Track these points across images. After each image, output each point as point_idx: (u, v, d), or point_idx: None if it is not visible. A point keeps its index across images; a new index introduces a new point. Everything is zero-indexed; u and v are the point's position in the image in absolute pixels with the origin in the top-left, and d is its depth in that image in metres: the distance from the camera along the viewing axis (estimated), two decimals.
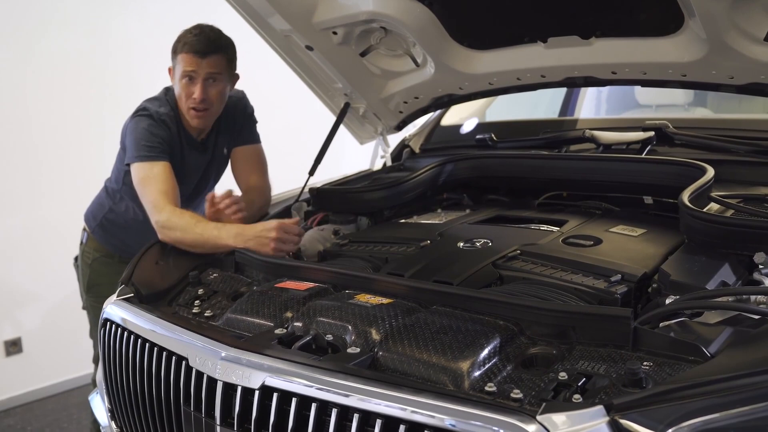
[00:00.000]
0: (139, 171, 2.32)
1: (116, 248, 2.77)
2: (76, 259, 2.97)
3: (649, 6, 2.00)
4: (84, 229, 2.88)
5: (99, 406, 2.04)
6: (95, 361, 2.87)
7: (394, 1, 2.27)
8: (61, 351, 4.19)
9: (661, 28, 2.03)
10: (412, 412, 1.16)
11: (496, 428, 1.08)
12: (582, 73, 2.31)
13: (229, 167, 2.75)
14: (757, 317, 1.36)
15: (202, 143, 2.58)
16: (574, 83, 2.37)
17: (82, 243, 2.88)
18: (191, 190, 2.65)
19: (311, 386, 1.26)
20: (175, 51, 2.39)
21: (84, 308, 2.93)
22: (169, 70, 2.48)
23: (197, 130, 2.53)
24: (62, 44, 4.07)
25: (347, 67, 2.64)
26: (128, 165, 2.38)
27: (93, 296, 2.81)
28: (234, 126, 2.63)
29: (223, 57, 2.40)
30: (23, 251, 4.05)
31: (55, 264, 4.10)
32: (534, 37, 2.26)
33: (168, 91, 2.53)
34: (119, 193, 2.67)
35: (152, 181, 2.28)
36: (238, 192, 2.44)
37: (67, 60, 4.11)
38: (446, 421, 1.12)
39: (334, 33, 2.48)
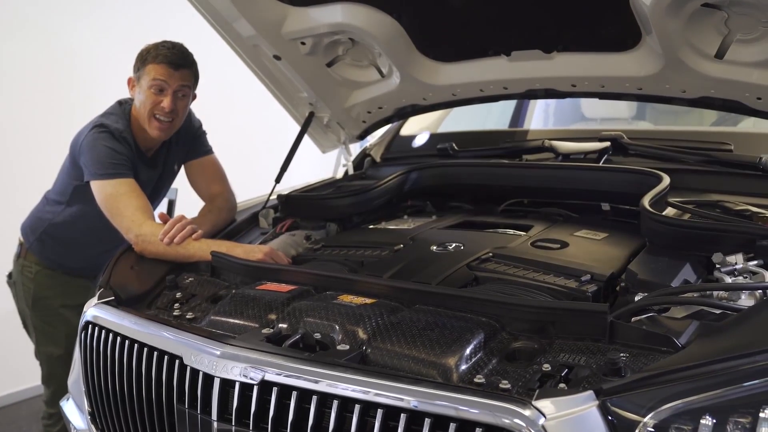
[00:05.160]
0: (105, 188, 2.30)
1: (54, 263, 2.68)
2: (9, 275, 2.83)
3: (608, 22, 2.13)
4: (20, 243, 2.76)
5: (72, 411, 2.04)
6: (45, 382, 2.76)
7: (363, 13, 2.34)
8: (7, 363, 4.08)
9: (620, 44, 2.16)
10: (413, 401, 1.22)
11: (495, 414, 1.15)
12: (543, 85, 2.42)
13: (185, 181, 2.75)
14: (718, 311, 1.47)
15: (152, 159, 2.58)
16: (535, 95, 2.48)
17: (18, 257, 2.75)
18: None
19: (312, 380, 1.32)
20: (144, 61, 2.39)
21: (24, 326, 2.81)
22: (130, 80, 2.47)
23: (148, 144, 2.52)
24: (25, 51, 4.01)
25: (314, 77, 2.70)
26: (86, 182, 2.35)
27: (39, 310, 2.69)
28: (185, 142, 2.65)
29: (192, 73, 2.45)
30: None
31: None
32: (498, 51, 2.36)
33: (121, 104, 2.52)
34: (63, 207, 2.60)
35: (124, 198, 2.27)
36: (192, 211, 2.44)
37: (29, 67, 4.05)
38: (447, 409, 1.19)
39: (303, 43, 2.53)
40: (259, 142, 4.63)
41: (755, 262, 1.64)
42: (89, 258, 2.62)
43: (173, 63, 2.36)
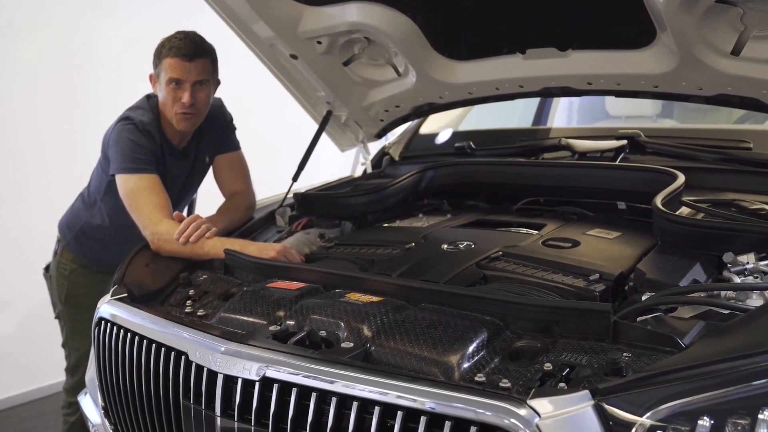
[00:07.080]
0: (127, 182, 2.33)
1: (91, 260, 2.75)
2: (46, 269, 2.92)
3: (622, 20, 2.10)
4: (58, 240, 2.84)
5: (89, 405, 2.08)
6: (70, 370, 2.85)
7: (378, 12, 2.35)
8: (35, 358, 4.16)
9: (635, 41, 2.14)
10: (410, 399, 1.22)
11: (490, 413, 1.15)
12: (559, 83, 2.40)
13: (210, 174, 2.79)
14: (726, 312, 1.46)
15: (183, 151, 2.60)
16: (550, 93, 2.47)
17: (56, 253, 2.84)
18: (174, 199, 2.65)
19: (312, 377, 1.33)
20: (160, 56, 2.39)
21: (57, 317, 2.89)
22: (151, 77, 2.49)
23: (179, 137, 2.54)
24: (42, 49, 4.08)
25: (330, 75, 2.71)
26: (113, 175, 2.39)
27: (70, 307, 2.78)
28: (215, 134, 2.66)
29: (209, 61, 2.43)
30: None
31: (28, 270, 4.07)
32: (513, 49, 2.35)
33: (149, 98, 2.54)
34: (98, 204, 2.66)
35: (144, 194, 2.29)
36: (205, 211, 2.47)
37: (48, 66, 4.12)
38: (443, 408, 1.19)
39: (319, 42, 2.54)
40: (278, 141, 4.66)
41: (767, 262, 1.62)
42: (125, 254, 2.66)
43: (187, 55, 2.35)
